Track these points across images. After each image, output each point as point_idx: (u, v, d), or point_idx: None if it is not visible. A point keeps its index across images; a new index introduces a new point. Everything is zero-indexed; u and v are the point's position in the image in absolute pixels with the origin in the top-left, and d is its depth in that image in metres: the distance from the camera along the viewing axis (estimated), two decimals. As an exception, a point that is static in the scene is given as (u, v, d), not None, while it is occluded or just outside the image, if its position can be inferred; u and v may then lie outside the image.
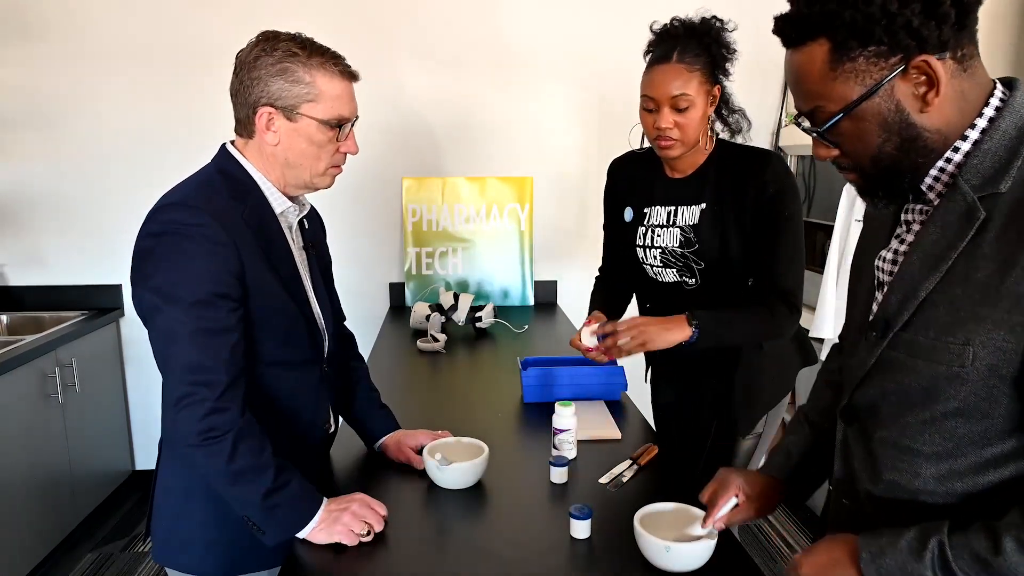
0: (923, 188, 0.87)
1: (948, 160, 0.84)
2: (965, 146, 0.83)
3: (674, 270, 1.63)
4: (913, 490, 0.89)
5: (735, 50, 1.53)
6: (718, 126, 1.61)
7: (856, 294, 1.03)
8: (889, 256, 0.93)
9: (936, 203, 0.86)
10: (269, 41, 1.19)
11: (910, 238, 0.90)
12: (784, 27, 0.85)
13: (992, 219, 0.80)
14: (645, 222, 1.66)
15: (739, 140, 1.61)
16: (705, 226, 1.57)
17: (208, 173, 1.25)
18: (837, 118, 0.84)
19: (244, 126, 1.24)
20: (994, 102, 0.83)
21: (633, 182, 1.71)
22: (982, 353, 0.79)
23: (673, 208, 1.62)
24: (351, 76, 1.25)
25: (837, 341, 1.17)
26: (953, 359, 0.81)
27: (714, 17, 1.51)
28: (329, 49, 1.23)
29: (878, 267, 0.95)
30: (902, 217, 0.93)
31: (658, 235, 1.64)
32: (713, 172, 1.58)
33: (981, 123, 0.83)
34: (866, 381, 0.93)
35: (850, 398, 0.96)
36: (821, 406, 1.18)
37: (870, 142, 0.84)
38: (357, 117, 1.28)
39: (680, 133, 1.50)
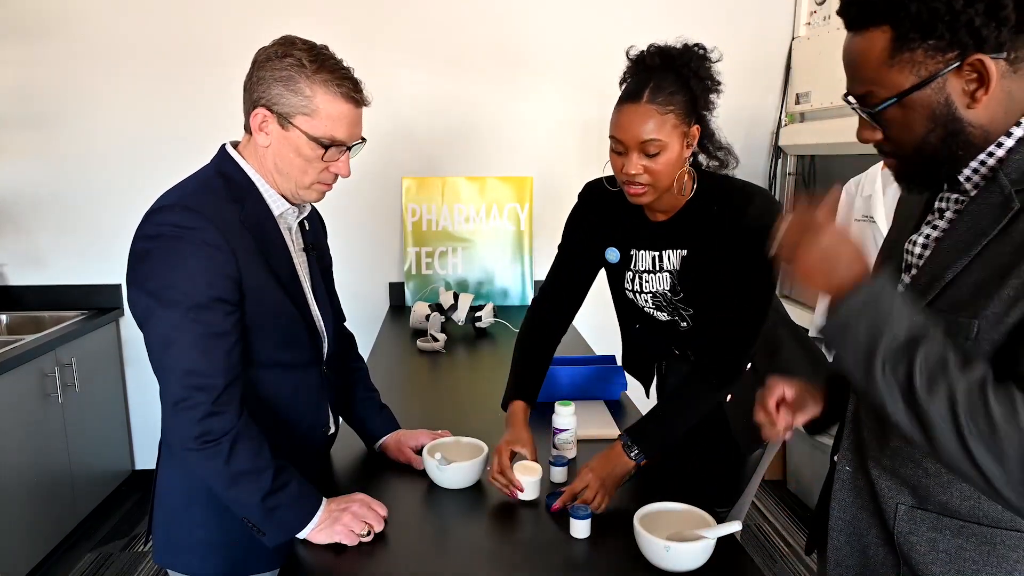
0: (961, 179, 0.89)
1: (990, 154, 0.86)
2: (1009, 142, 0.85)
3: (665, 313, 1.56)
4: (916, 460, 0.92)
5: (719, 82, 1.37)
6: (702, 157, 1.48)
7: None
8: (920, 240, 0.95)
9: (973, 194, 0.88)
10: (284, 46, 1.17)
11: (942, 224, 0.92)
12: (849, 9, 0.87)
13: None
14: (632, 266, 1.57)
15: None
16: (688, 274, 1.49)
17: (206, 174, 1.24)
18: (888, 103, 0.86)
19: (246, 121, 1.23)
20: None
21: (612, 221, 1.58)
22: (985, 327, 0.80)
23: (658, 253, 1.53)
24: (356, 101, 1.21)
25: None
26: (960, 331, 0.82)
27: (696, 45, 1.36)
28: (342, 69, 1.19)
29: (907, 251, 0.97)
30: (936, 204, 0.95)
31: (646, 280, 1.56)
32: (695, 215, 1.47)
33: None
34: None
35: None
36: None
37: (916, 131, 0.86)
38: (363, 141, 1.25)
39: (651, 178, 1.36)
